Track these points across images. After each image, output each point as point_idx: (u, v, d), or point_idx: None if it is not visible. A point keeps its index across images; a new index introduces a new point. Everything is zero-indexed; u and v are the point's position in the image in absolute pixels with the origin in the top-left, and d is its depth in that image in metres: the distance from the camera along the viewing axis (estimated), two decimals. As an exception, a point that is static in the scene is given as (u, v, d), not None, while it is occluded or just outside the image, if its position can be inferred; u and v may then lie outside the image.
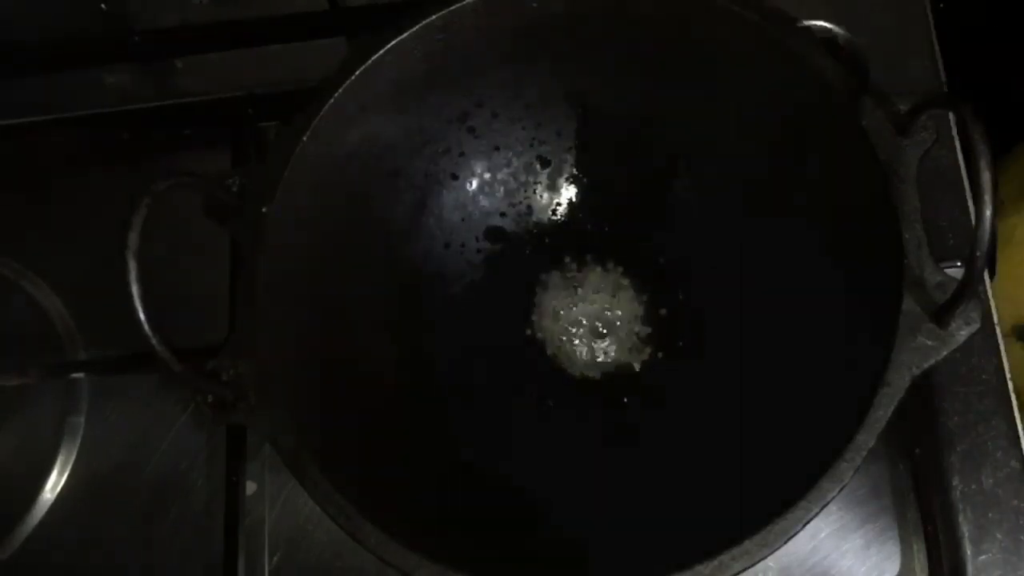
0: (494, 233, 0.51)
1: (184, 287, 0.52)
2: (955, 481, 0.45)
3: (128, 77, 0.57)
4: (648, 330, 0.49)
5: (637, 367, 0.49)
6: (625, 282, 0.50)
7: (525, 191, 0.51)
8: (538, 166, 0.51)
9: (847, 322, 0.41)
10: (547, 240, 0.51)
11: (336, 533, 0.37)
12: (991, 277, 0.48)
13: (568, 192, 0.51)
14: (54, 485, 0.50)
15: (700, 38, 0.44)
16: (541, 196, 0.51)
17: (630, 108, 0.48)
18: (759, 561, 0.35)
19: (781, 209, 0.45)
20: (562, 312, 0.49)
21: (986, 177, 0.33)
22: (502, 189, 0.51)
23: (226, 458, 0.48)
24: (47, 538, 0.49)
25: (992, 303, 0.47)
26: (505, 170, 0.51)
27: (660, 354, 0.49)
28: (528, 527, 0.43)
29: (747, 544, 0.35)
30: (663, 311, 0.49)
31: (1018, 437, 0.45)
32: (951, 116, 0.50)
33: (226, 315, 0.49)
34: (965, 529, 0.44)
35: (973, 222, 0.37)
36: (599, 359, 0.49)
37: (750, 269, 0.47)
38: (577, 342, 0.49)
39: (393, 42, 0.43)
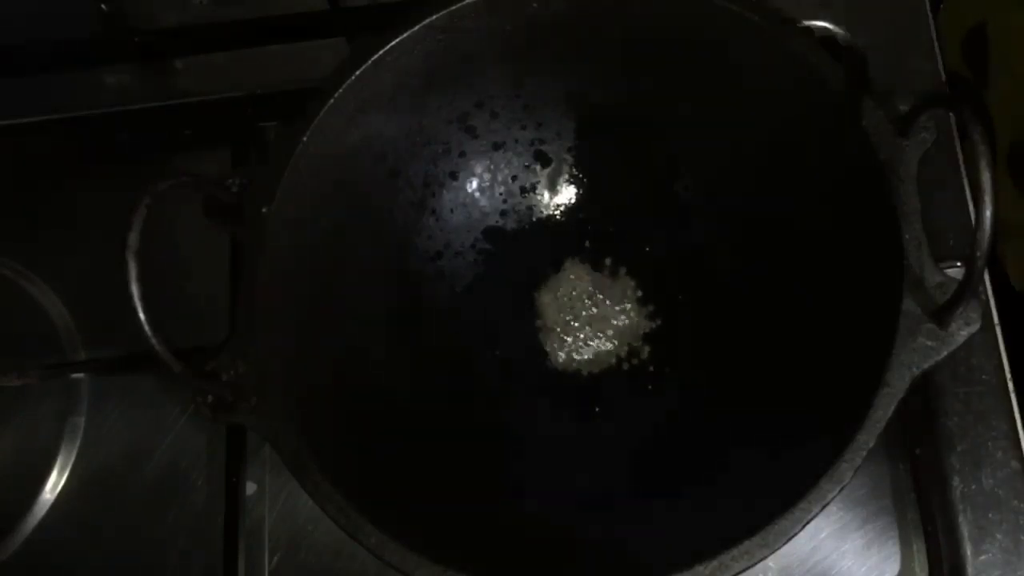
0: (494, 233, 0.51)
1: (184, 287, 0.52)
2: (955, 481, 0.45)
3: (128, 77, 0.57)
4: (648, 329, 0.49)
5: (636, 365, 0.49)
6: (624, 282, 0.50)
7: (525, 191, 0.51)
8: (538, 166, 0.51)
9: (847, 322, 0.41)
10: (547, 240, 0.51)
11: (336, 533, 0.37)
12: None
13: (568, 192, 0.51)
14: (54, 485, 0.50)
15: (700, 38, 0.44)
16: (541, 196, 0.51)
17: (630, 108, 0.48)
18: (759, 561, 0.35)
19: (780, 210, 0.45)
20: (562, 311, 0.49)
21: (986, 177, 0.33)
22: (502, 189, 0.51)
23: (226, 458, 0.48)
24: (47, 538, 0.49)
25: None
26: (505, 170, 0.51)
27: (660, 353, 0.49)
28: (529, 527, 0.42)
29: (747, 544, 0.35)
30: (663, 310, 0.49)
31: (1018, 437, 0.45)
32: (951, 116, 0.50)
33: (226, 315, 0.50)
34: (965, 529, 0.44)
35: (973, 222, 0.37)
36: (599, 358, 0.49)
37: (749, 268, 0.47)
38: (577, 341, 0.49)
39: (393, 42, 0.43)
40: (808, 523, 0.35)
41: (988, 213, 0.33)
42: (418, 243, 0.49)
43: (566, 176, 0.51)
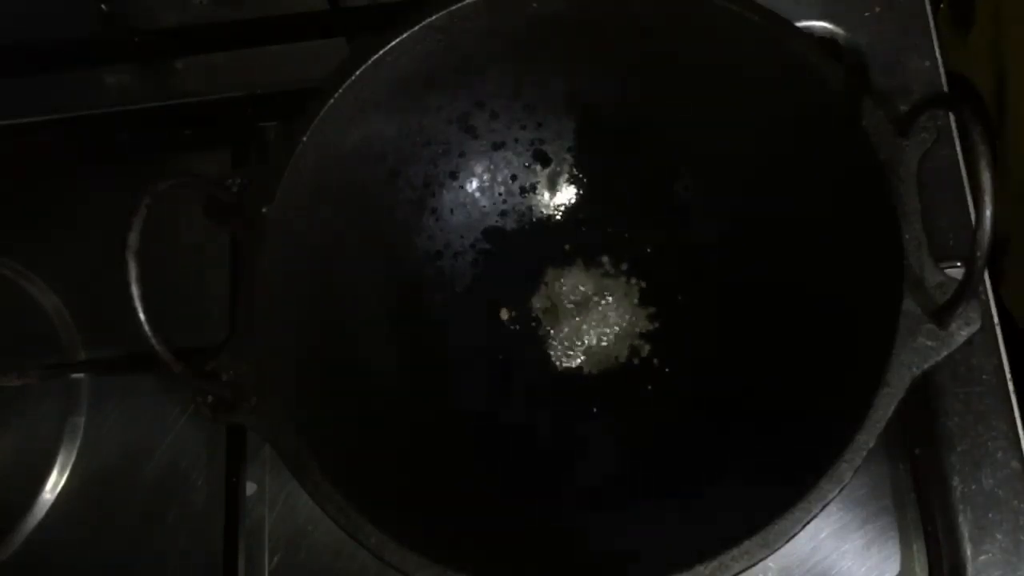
0: (494, 233, 0.51)
1: (184, 287, 0.52)
2: (955, 481, 0.45)
3: (128, 77, 0.57)
4: (647, 329, 0.49)
5: (636, 365, 0.49)
6: (624, 282, 0.50)
7: (525, 191, 0.51)
8: (538, 166, 0.51)
9: (847, 322, 0.41)
10: (546, 240, 0.51)
11: (336, 533, 0.37)
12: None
13: (568, 192, 0.51)
14: (54, 485, 0.50)
15: (700, 39, 0.44)
16: (541, 196, 0.51)
17: (630, 108, 0.48)
18: (759, 561, 0.35)
19: (780, 210, 0.45)
20: (561, 312, 0.49)
21: (986, 177, 0.33)
22: (502, 189, 0.51)
23: (226, 458, 0.48)
24: (47, 538, 0.49)
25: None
26: (505, 170, 0.51)
27: (659, 353, 0.49)
28: (528, 527, 0.42)
29: (747, 544, 0.35)
30: (663, 310, 0.49)
31: (1018, 437, 0.45)
32: (951, 116, 0.50)
33: (226, 315, 0.50)
34: (965, 529, 0.44)
35: (973, 222, 0.37)
36: (599, 358, 0.49)
37: (749, 268, 0.47)
38: (577, 341, 0.49)
39: (393, 42, 0.43)
40: (808, 523, 0.35)
41: (988, 213, 0.33)
42: (418, 243, 0.49)
43: (566, 176, 0.51)
